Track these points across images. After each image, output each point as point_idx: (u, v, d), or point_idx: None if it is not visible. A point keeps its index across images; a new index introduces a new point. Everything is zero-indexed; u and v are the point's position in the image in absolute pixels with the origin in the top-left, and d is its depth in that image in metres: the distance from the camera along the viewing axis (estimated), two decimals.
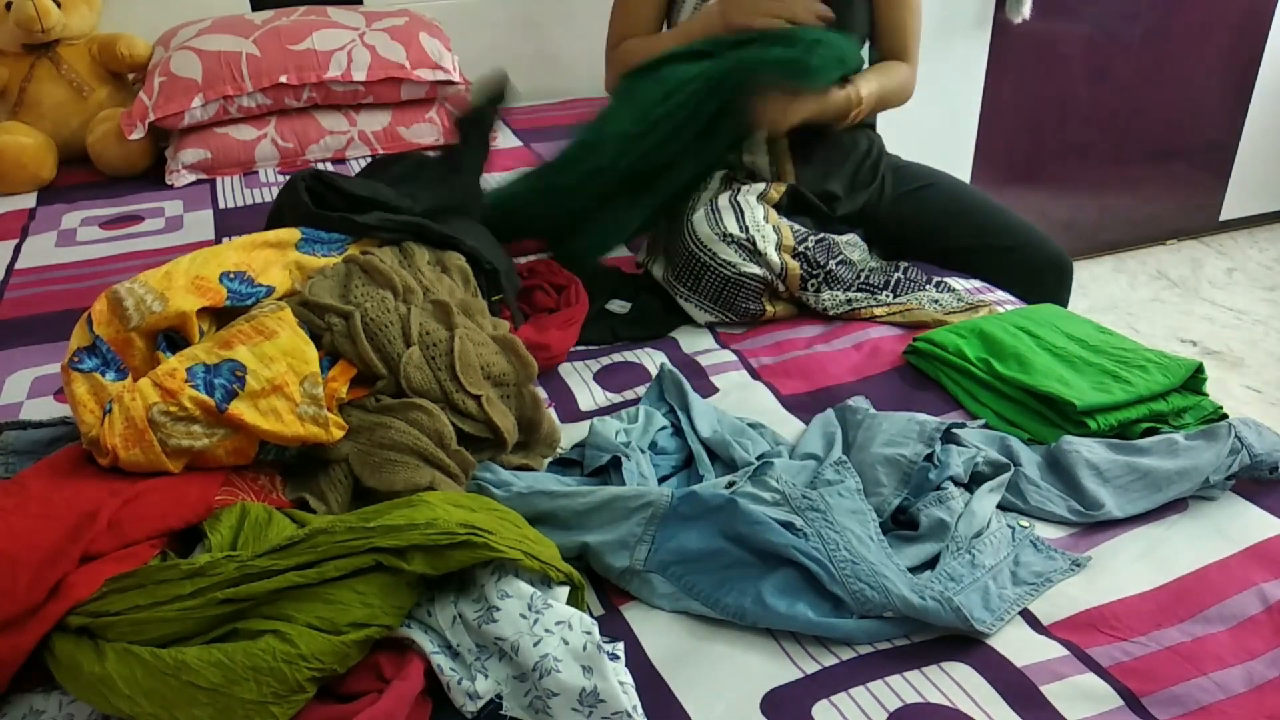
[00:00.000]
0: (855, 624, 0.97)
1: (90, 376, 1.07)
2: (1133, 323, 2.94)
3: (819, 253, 1.57)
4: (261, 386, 1.06)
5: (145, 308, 1.11)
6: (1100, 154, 3.20)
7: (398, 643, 0.92)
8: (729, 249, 1.52)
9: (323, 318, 1.18)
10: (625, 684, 0.87)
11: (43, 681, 0.89)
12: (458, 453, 1.14)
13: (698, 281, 1.53)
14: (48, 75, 2.25)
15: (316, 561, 0.89)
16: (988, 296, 1.60)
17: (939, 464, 1.15)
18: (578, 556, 1.05)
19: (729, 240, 1.52)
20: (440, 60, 2.30)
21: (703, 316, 1.56)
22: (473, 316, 1.28)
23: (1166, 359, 1.33)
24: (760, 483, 1.10)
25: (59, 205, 2.09)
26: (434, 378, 1.17)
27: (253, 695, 0.82)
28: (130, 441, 1.00)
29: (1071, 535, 1.11)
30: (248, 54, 2.17)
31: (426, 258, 1.35)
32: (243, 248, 1.27)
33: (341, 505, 1.09)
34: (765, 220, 1.56)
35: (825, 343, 1.51)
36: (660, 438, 1.25)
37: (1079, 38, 2.99)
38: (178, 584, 0.87)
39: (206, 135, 2.19)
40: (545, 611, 0.89)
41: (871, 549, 1.02)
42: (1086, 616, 1.00)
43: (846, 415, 1.27)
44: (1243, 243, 3.43)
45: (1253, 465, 1.14)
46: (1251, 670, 0.93)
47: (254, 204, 2.07)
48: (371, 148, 2.30)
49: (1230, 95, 3.24)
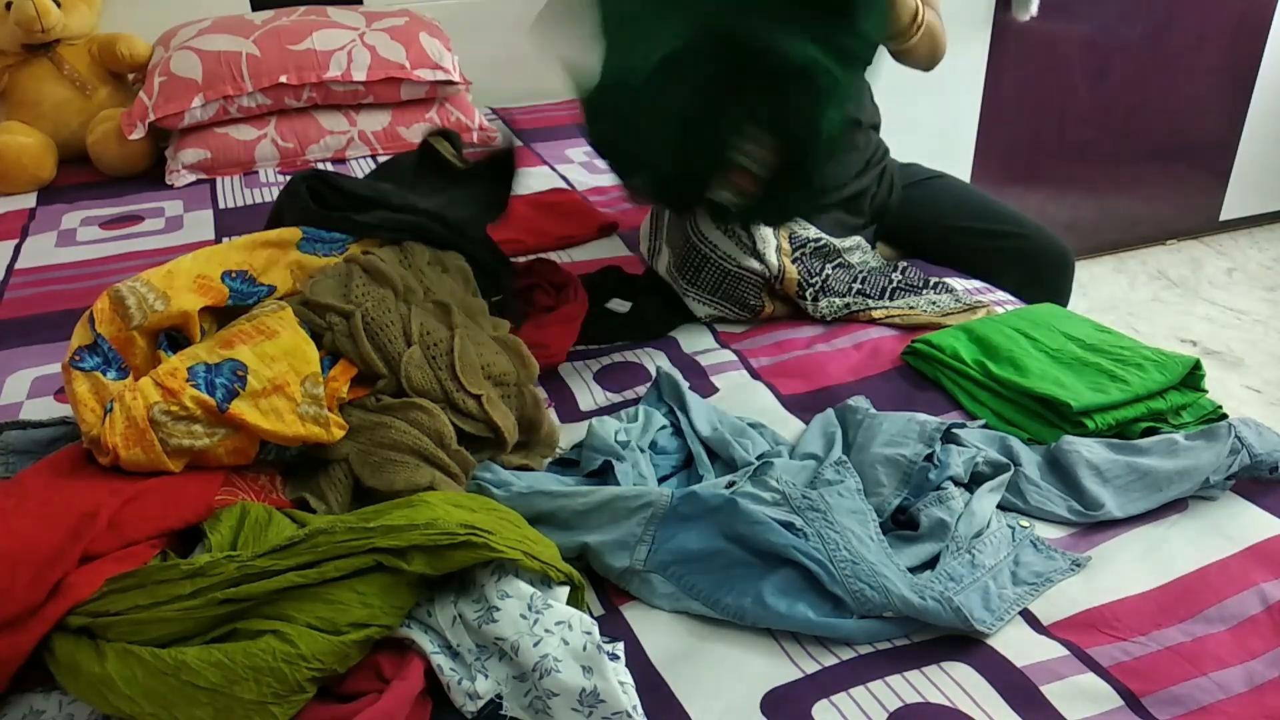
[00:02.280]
0: (855, 624, 0.97)
1: (91, 375, 1.07)
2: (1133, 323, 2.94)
3: (815, 260, 1.58)
4: (262, 386, 1.06)
5: (147, 306, 1.11)
6: (1100, 154, 3.20)
7: (398, 643, 0.92)
8: (729, 242, 1.52)
9: (324, 317, 1.18)
10: (625, 684, 0.87)
11: (43, 681, 0.89)
12: (458, 452, 1.14)
13: (698, 274, 1.54)
14: (48, 75, 2.25)
15: (316, 561, 0.89)
16: (986, 297, 1.60)
17: (939, 464, 1.15)
18: (578, 556, 1.05)
19: (730, 234, 1.53)
20: (440, 60, 2.30)
21: (702, 310, 1.56)
22: (473, 316, 1.28)
23: (1164, 356, 1.33)
24: (760, 483, 1.10)
25: (59, 205, 2.09)
26: (434, 377, 1.17)
27: (253, 695, 0.82)
28: (131, 441, 1.00)
29: (1071, 535, 1.11)
30: (248, 54, 2.17)
31: (427, 257, 1.35)
32: (244, 247, 1.27)
33: (341, 505, 1.09)
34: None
35: (825, 343, 1.51)
36: (660, 437, 1.25)
37: (1079, 38, 2.99)
38: (178, 584, 0.87)
39: (206, 135, 2.19)
40: (545, 611, 0.89)
41: (871, 549, 1.02)
42: (1086, 616, 1.00)
43: (846, 415, 1.27)
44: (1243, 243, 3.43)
45: (1253, 465, 1.14)
46: (1251, 670, 0.93)
47: (254, 204, 2.06)
48: (371, 148, 2.30)
49: (1230, 95, 3.24)
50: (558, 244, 1.84)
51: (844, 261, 1.61)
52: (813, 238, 1.61)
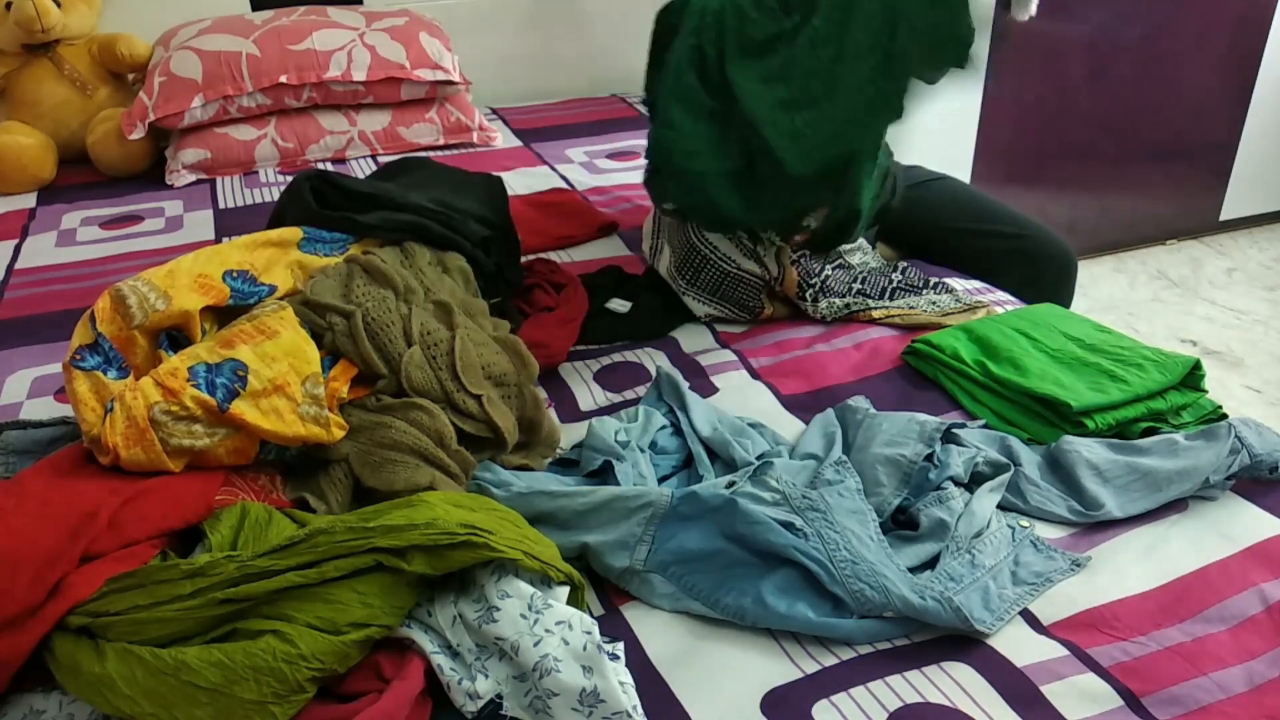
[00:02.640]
0: (855, 624, 0.97)
1: (92, 375, 1.07)
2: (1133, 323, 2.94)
3: (815, 261, 1.58)
4: (263, 386, 1.06)
5: (149, 306, 1.11)
6: (1100, 154, 3.20)
7: (398, 643, 0.92)
8: (729, 244, 1.53)
9: (324, 317, 1.18)
10: (625, 684, 0.87)
11: (43, 681, 0.89)
12: (458, 452, 1.14)
13: (697, 275, 1.54)
14: (48, 75, 2.25)
15: (316, 561, 0.89)
16: (986, 298, 1.60)
17: (939, 464, 1.15)
18: (578, 556, 1.05)
19: (730, 236, 1.53)
20: (440, 60, 2.30)
21: (702, 309, 1.56)
22: (474, 317, 1.28)
23: (1164, 356, 1.33)
24: (760, 483, 1.10)
25: (59, 205, 2.09)
26: (435, 377, 1.17)
27: (253, 695, 0.82)
28: (131, 440, 1.00)
29: (1071, 535, 1.11)
30: (248, 54, 2.17)
31: (428, 258, 1.35)
32: (245, 247, 1.27)
33: (342, 505, 1.09)
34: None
35: (825, 342, 1.51)
36: (660, 437, 1.25)
37: (1079, 38, 2.99)
38: (178, 584, 0.87)
39: (206, 135, 2.19)
40: (545, 611, 0.89)
41: (871, 549, 1.02)
42: (1086, 616, 1.00)
43: (846, 415, 1.27)
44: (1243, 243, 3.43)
45: (1253, 465, 1.14)
46: (1251, 670, 0.93)
47: (254, 204, 2.06)
48: (371, 148, 2.30)
49: (1230, 95, 3.24)
50: (558, 244, 1.84)
51: (844, 262, 1.62)
52: None
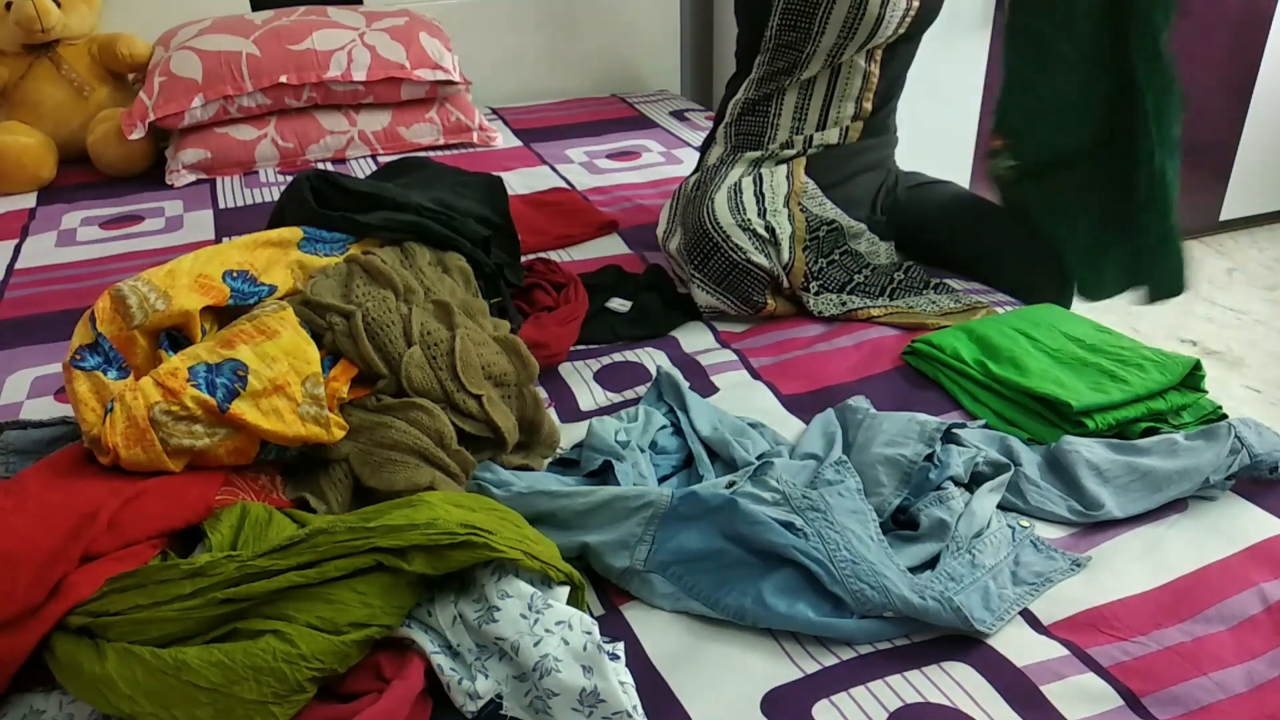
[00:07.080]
0: (855, 624, 0.97)
1: (92, 375, 1.07)
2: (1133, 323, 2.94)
3: (828, 241, 1.58)
4: (263, 386, 1.06)
5: (149, 306, 1.11)
6: None
7: (398, 643, 0.92)
8: (743, 235, 1.53)
9: (324, 317, 1.18)
10: (625, 684, 0.87)
11: (43, 681, 0.89)
12: (458, 452, 1.14)
13: (706, 261, 1.54)
14: (48, 75, 2.25)
15: (317, 561, 0.89)
16: (986, 298, 1.60)
17: (939, 464, 1.15)
18: (578, 556, 1.05)
19: (745, 227, 1.53)
20: (440, 60, 2.30)
21: (704, 298, 1.56)
22: (474, 317, 1.28)
23: (1164, 356, 1.33)
24: (760, 483, 1.10)
25: (59, 205, 2.09)
26: (435, 377, 1.17)
27: (253, 695, 0.82)
28: (131, 440, 1.00)
29: (1071, 535, 1.11)
30: (248, 54, 2.17)
31: (428, 258, 1.35)
32: (245, 246, 1.27)
33: (342, 505, 1.09)
34: (785, 205, 1.58)
35: (825, 342, 1.51)
36: (660, 437, 1.25)
37: None
38: (178, 584, 0.87)
39: (206, 135, 2.19)
40: (545, 611, 0.89)
41: (871, 549, 1.02)
42: (1086, 616, 1.00)
43: (846, 415, 1.27)
44: (1243, 243, 3.43)
45: (1253, 465, 1.14)
46: (1251, 670, 0.93)
47: (254, 204, 2.07)
48: (371, 148, 2.30)
49: (1230, 95, 3.24)
50: (558, 244, 1.84)
51: (850, 249, 1.62)
52: (827, 220, 1.62)
